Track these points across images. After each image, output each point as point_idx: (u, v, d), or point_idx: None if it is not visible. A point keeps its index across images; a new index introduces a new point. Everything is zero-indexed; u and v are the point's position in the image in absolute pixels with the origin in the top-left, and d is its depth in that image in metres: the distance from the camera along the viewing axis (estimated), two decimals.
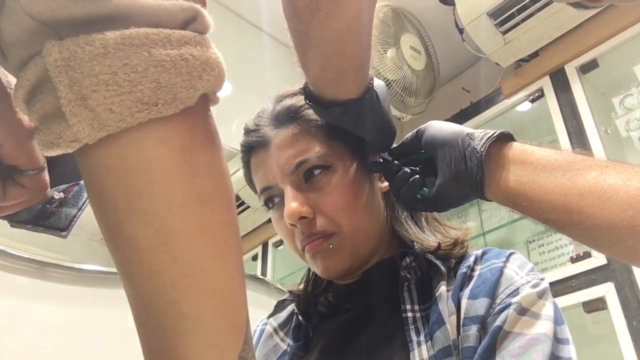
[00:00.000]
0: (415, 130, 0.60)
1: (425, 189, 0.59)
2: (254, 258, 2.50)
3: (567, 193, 0.46)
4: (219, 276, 0.29)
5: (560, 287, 1.47)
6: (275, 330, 0.69)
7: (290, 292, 0.73)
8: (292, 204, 0.57)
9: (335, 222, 0.58)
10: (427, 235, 0.64)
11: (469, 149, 0.53)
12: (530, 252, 1.82)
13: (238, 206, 2.25)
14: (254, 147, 0.63)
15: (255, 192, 0.66)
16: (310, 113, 0.62)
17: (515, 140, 0.54)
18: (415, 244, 0.62)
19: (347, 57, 0.53)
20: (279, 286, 1.51)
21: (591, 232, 0.45)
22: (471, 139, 0.54)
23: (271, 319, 0.72)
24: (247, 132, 0.65)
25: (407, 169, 0.60)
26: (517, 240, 1.90)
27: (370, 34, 0.54)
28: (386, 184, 0.66)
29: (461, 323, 0.53)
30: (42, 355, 0.95)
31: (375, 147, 0.62)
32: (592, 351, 1.53)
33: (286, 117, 0.62)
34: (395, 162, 0.61)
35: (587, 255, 1.47)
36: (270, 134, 0.62)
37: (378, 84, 0.59)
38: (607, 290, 1.39)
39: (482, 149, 0.52)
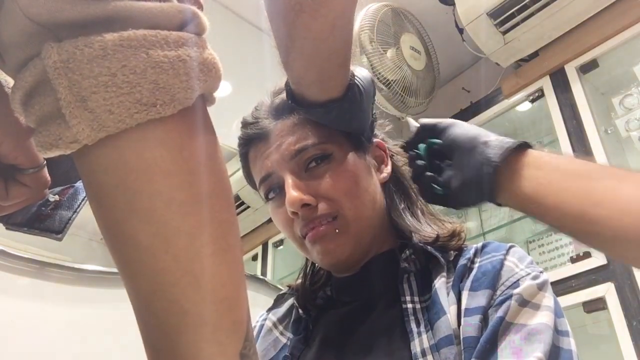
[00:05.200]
0: (437, 121, 0.61)
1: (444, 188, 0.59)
2: (254, 258, 2.50)
3: (583, 202, 0.46)
4: (219, 274, 0.29)
5: (560, 287, 1.47)
6: (274, 324, 0.70)
7: (289, 286, 0.74)
8: (293, 192, 0.57)
9: (336, 204, 0.59)
10: (424, 227, 0.65)
11: (484, 157, 0.53)
12: (530, 252, 1.82)
13: (238, 206, 2.25)
14: (253, 139, 0.63)
15: (253, 186, 0.66)
16: None
17: (531, 147, 0.53)
18: (413, 235, 0.63)
19: (330, 57, 0.54)
20: (279, 286, 1.51)
21: (605, 241, 0.46)
22: (487, 147, 0.53)
23: (270, 313, 0.72)
24: (246, 125, 0.65)
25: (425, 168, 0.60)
26: (517, 240, 1.90)
27: (352, 30, 0.55)
28: (384, 174, 0.66)
29: (462, 314, 0.53)
30: (42, 355, 0.95)
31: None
32: (592, 351, 1.53)
33: (285, 108, 0.62)
34: (417, 152, 0.61)
35: (587, 255, 1.47)
36: (270, 126, 0.62)
37: (360, 74, 0.59)
38: (607, 290, 1.39)
39: (498, 160, 0.52)
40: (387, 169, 0.67)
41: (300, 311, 0.66)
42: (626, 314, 1.33)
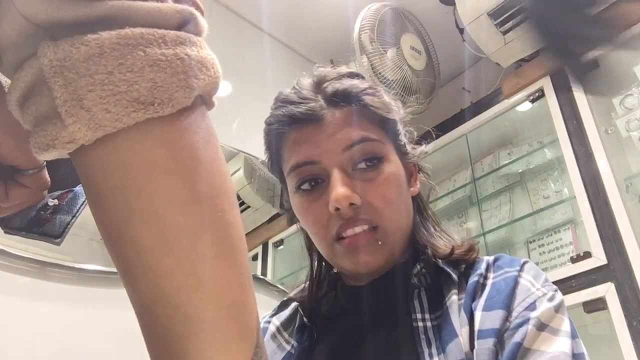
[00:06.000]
0: None
1: None
2: (254, 258, 2.50)
3: None
4: (226, 276, 0.27)
5: (560, 287, 1.45)
6: (278, 329, 0.68)
7: (292, 299, 0.71)
8: (342, 189, 0.55)
9: (380, 214, 0.57)
10: (437, 240, 0.64)
11: None
12: (531, 252, 1.82)
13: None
14: (299, 119, 0.59)
15: (276, 169, 0.64)
16: (369, 99, 0.60)
17: None
18: (427, 248, 0.61)
19: None
20: (279, 286, 1.51)
21: None
22: None
23: (274, 317, 0.70)
24: (289, 102, 0.60)
25: None
26: (517, 240, 1.89)
27: None
28: (415, 189, 0.66)
29: (475, 336, 0.51)
30: (43, 355, 0.95)
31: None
32: (592, 351, 1.52)
33: (345, 97, 0.59)
34: None
35: (587, 255, 1.47)
36: (324, 111, 0.59)
37: None
38: (607, 290, 1.39)
39: None
40: (417, 184, 0.66)
41: (305, 319, 0.65)
42: (626, 314, 1.33)
